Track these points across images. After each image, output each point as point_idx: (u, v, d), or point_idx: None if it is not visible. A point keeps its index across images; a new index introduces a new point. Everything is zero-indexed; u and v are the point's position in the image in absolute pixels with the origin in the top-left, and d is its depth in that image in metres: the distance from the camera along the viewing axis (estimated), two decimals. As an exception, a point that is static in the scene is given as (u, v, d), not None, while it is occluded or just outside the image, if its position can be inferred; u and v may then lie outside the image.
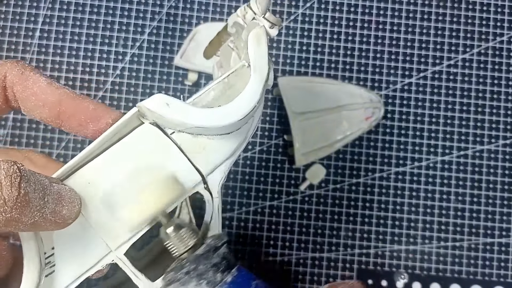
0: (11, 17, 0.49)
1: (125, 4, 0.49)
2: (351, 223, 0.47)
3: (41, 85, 0.25)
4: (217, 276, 0.22)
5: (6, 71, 0.24)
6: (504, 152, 0.48)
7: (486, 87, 0.49)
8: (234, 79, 0.27)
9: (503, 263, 0.47)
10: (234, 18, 0.29)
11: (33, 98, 0.24)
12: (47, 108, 0.25)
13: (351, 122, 0.47)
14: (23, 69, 0.25)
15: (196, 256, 0.22)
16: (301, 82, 0.48)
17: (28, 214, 0.19)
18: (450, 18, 0.50)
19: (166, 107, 0.23)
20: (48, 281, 0.23)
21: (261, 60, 0.25)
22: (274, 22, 0.26)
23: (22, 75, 0.24)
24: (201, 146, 0.25)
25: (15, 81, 0.24)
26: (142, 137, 0.25)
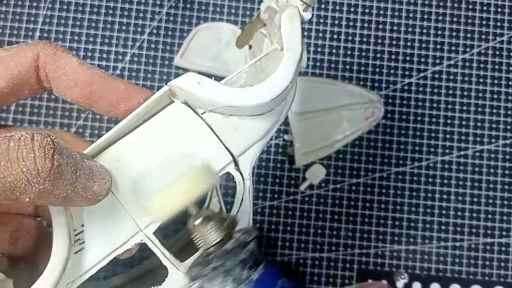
0: (11, 17, 0.49)
1: (125, 4, 0.49)
2: (351, 223, 0.47)
3: (73, 65, 0.24)
4: (244, 273, 0.21)
5: (39, 51, 0.24)
6: (504, 152, 0.48)
7: (486, 87, 0.49)
8: (266, 62, 0.27)
9: (503, 263, 0.47)
10: (267, 3, 0.28)
11: (65, 78, 0.24)
12: (78, 88, 0.25)
13: (351, 122, 0.47)
14: (56, 49, 0.25)
15: (224, 252, 0.22)
16: (301, 82, 0.48)
17: (61, 187, 0.19)
18: (450, 18, 0.50)
19: (198, 85, 0.23)
20: (76, 258, 0.23)
21: (295, 39, 0.24)
22: (308, 2, 0.26)
23: (54, 55, 0.24)
24: (232, 127, 0.24)
25: (48, 61, 0.24)
26: (172, 115, 0.24)
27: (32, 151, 0.18)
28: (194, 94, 0.23)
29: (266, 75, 0.25)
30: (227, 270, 0.21)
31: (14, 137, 0.18)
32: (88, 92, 0.25)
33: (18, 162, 0.18)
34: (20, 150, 0.18)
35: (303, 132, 0.46)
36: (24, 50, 0.24)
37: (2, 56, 0.24)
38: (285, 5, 0.26)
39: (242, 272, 0.21)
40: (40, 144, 0.18)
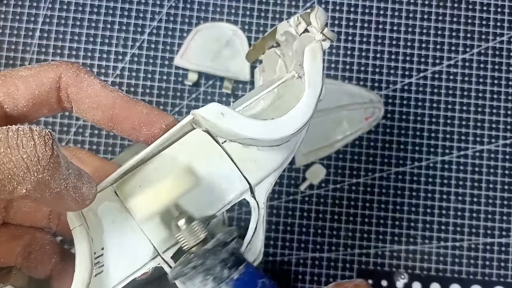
0: (11, 17, 0.49)
1: (125, 4, 0.49)
2: (351, 223, 0.47)
3: (95, 88, 0.25)
4: (224, 272, 0.22)
5: (62, 72, 0.24)
6: (504, 152, 0.48)
7: (486, 87, 0.49)
8: (283, 89, 0.27)
9: (503, 263, 0.47)
10: (285, 27, 0.29)
11: (87, 100, 0.25)
12: (100, 111, 0.25)
13: (351, 122, 0.47)
14: (78, 71, 0.25)
15: (204, 251, 0.22)
16: (301, 82, 0.48)
17: (57, 179, 0.19)
18: (450, 18, 0.50)
19: (221, 116, 0.24)
20: (96, 281, 0.23)
21: (316, 75, 0.25)
22: (331, 37, 0.26)
23: (77, 77, 0.25)
24: (250, 156, 0.25)
25: (70, 83, 0.24)
26: (194, 143, 0.25)
27: (32, 139, 0.18)
28: (217, 125, 0.24)
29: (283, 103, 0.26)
30: (207, 269, 0.21)
31: (12, 128, 0.18)
32: (110, 115, 0.25)
33: (18, 149, 0.18)
34: (19, 138, 0.18)
35: (303, 132, 0.46)
36: (46, 70, 0.24)
37: (24, 76, 0.24)
38: (306, 36, 0.27)
39: (222, 271, 0.22)
40: (39, 133, 0.18)
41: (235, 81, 0.48)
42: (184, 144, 0.25)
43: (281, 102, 0.27)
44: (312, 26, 0.27)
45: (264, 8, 0.49)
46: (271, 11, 0.49)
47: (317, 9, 0.27)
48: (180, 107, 0.48)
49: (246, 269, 0.22)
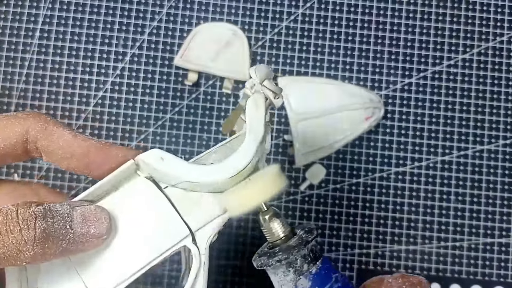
0: (11, 17, 0.49)
1: (125, 4, 0.49)
2: (351, 223, 0.47)
3: (66, 139, 0.25)
4: (304, 266, 0.24)
5: (29, 126, 0.25)
6: (504, 152, 0.48)
7: (486, 87, 0.49)
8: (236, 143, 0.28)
9: (503, 263, 0.47)
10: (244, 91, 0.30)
11: (60, 152, 0.25)
12: (75, 159, 0.25)
13: (351, 122, 0.47)
14: (46, 123, 0.25)
15: (289, 247, 0.24)
16: (301, 82, 0.48)
17: (52, 246, 0.21)
18: (450, 18, 0.50)
19: (161, 161, 0.25)
20: None
21: (257, 123, 0.26)
22: (274, 89, 0.27)
23: (45, 130, 0.25)
24: (193, 202, 0.26)
25: (39, 137, 0.25)
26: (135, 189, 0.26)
27: (17, 224, 0.21)
28: (157, 169, 0.25)
29: None
30: (290, 263, 0.24)
31: (2, 210, 0.21)
32: (86, 163, 0.25)
33: (8, 234, 0.21)
34: (8, 223, 0.21)
35: (303, 132, 0.46)
36: (13, 124, 0.25)
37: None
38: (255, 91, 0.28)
39: (302, 265, 0.24)
40: (23, 216, 0.21)
41: (235, 81, 0.48)
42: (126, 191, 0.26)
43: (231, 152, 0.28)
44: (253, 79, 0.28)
45: (264, 8, 0.49)
46: (271, 11, 0.49)
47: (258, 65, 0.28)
48: (180, 107, 0.48)
49: (322, 264, 0.25)
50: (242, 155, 0.25)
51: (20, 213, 0.21)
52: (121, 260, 0.24)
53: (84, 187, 0.47)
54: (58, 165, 0.26)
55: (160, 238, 0.25)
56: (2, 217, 0.21)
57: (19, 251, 0.21)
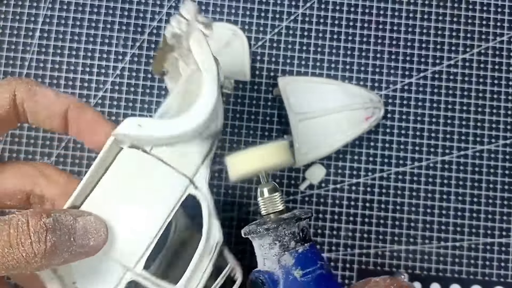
0: (11, 17, 0.49)
1: (125, 4, 0.49)
2: (351, 223, 0.47)
3: (49, 98, 0.26)
4: (291, 243, 0.24)
5: (14, 89, 0.25)
6: (504, 152, 0.48)
7: (486, 87, 0.49)
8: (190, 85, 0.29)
9: (503, 263, 0.47)
10: (171, 30, 0.31)
11: (45, 112, 0.26)
12: (57, 117, 0.26)
13: (351, 122, 0.47)
14: (29, 85, 0.26)
15: (279, 219, 0.24)
16: (301, 82, 0.48)
17: (57, 258, 0.22)
18: (450, 18, 0.50)
19: (139, 127, 0.26)
20: None
21: (208, 60, 0.27)
22: (205, 22, 0.29)
23: (29, 91, 0.26)
24: (180, 153, 0.27)
25: (25, 97, 0.25)
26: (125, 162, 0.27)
27: (28, 236, 0.21)
28: (138, 136, 0.26)
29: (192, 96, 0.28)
30: (278, 236, 0.24)
31: (13, 222, 0.21)
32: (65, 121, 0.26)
33: (18, 247, 0.21)
34: (19, 236, 0.21)
35: (303, 132, 0.46)
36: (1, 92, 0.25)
37: None
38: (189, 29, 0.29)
39: (290, 241, 0.24)
40: (34, 229, 0.21)
41: (235, 81, 0.48)
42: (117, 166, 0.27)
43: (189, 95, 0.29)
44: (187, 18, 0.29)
45: (264, 8, 0.49)
46: (271, 11, 0.49)
47: (185, 2, 0.29)
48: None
49: (310, 248, 0.24)
50: (207, 97, 0.26)
51: (31, 225, 0.21)
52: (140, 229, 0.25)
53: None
54: (41, 126, 0.27)
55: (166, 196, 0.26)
56: (13, 230, 0.21)
57: (27, 263, 0.21)
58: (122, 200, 0.26)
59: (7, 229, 0.21)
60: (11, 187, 0.27)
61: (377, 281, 0.23)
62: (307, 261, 0.24)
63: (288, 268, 0.23)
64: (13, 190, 0.27)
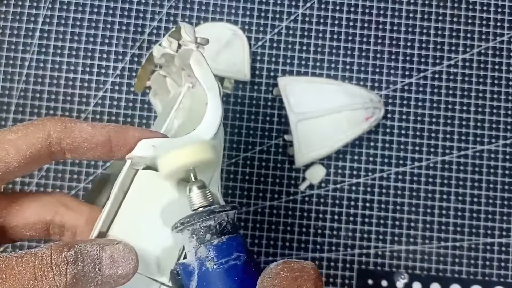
0: (11, 17, 0.49)
1: (125, 4, 0.49)
2: (351, 223, 0.47)
3: (87, 131, 0.26)
4: (207, 236, 0.25)
5: (49, 129, 0.26)
6: (504, 152, 0.48)
7: (486, 87, 0.49)
8: (187, 102, 0.31)
9: (503, 263, 0.47)
10: (161, 50, 0.33)
11: (85, 144, 0.26)
12: (99, 148, 0.26)
13: (351, 122, 0.47)
14: (64, 123, 0.26)
15: (193, 214, 0.25)
16: (301, 82, 0.48)
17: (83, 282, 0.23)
18: (450, 18, 0.50)
19: (153, 148, 0.26)
20: None
21: (210, 79, 0.29)
22: (204, 43, 0.31)
23: (66, 129, 0.26)
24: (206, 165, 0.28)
25: (62, 136, 0.26)
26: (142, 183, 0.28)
27: (51, 269, 0.22)
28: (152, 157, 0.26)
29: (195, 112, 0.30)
30: (194, 229, 0.25)
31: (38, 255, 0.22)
32: (109, 148, 0.27)
33: (42, 280, 0.22)
34: (43, 269, 0.22)
35: (303, 132, 0.46)
36: (34, 131, 0.26)
37: (12, 139, 0.25)
38: (184, 50, 0.31)
39: (206, 234, 0.25)
40: (56, 262, 0.22)
41: (235, 81, 0.48)
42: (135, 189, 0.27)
43: (192, 112, 0.30)
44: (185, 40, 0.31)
45: (264, 8, 0.49)
46: (271, 11, 0.49)
47: (183, 26, 0.31)
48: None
49: (228, 241, 0.25)
50: (214, 113, 0.28)
51: (53, 259, 0.22)
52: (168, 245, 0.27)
53: (84, 187, 0.47)
54: (83, 158, 0.27)
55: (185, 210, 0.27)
56: (38, 261, 0.22)
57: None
58: (146, 221, 0.27)
59: (33, 261, 0.22)
60: (32, 217, 0.27)
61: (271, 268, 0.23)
62: (221, 252, 0.24)
63: (202, 259, 0.24)
64: (33, 220, 0.27)
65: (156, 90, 0.42)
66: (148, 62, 0.37)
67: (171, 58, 0.33)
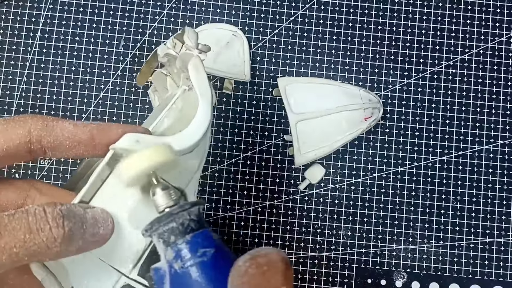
0: (11, 17, 0.49)
1: (125, 5, 0.49)
2: (350, 222, 0.47)
3: (69, 129, 0.26)
4: (172, 238, 0.25)
5: (30, 127, 0.26)
6: (504, 152, 0.48)
7: (486, 87, 0.49)
8: (181, 103, 0.31)
9: (502, 262, 0.47)
10: (165, 50, 0.34)
11: (67, 142, 0.26)
12: (82, 145, 0.27)
13: (350, 122, 0.47)
14: (45, 121, 0.26)
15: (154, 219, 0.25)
16: (301, 82, 0.48)
17: (74, 243, 0.23)
18: (449, 19, 0.50)
19: (137, 143, 0.26)
20: None
21: (204, 85, 0.29)
22: (205, 50, 0.32)
23: (47, 127, 0.26)
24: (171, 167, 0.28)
25: (43, 134, 0.26)
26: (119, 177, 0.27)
27: (47, 222, 0.22)
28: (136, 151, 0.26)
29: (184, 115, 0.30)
30: (159, 233, 0.25)
31: (30, 211, 0.22)
32: (92, 146, 0.27)
33: (39, 233, 0.22)
34: (38, 223, 0.22)
35: (302, 132, 0.47)
36: (14, 127, 0.26)
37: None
38: (184, 54, 0.32)
39: (170, 236, 0.25)
40: (52, 215, 0.22)
41: (236, 81, 0.49)
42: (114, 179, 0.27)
43: (182, 114, 0.31)
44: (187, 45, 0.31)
45: (264, 9, 0.50)
46: (271, 12, 0.50)
47: (187, 30, 0.32)
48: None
49: (191, 239, 0.25)
50: (202, 119, 0.28)
51: (48, 212, 0.22)
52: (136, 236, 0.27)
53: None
54: (65, 157, 0.27)
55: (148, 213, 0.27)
56: (31, 217, 0.22)
57: (48, 248, 0.22)
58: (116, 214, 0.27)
59: (26, 217, 0.22)
60: (4, 199, 0.27)
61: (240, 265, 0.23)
62: (186, 252, 0.24)
63: (170, 262, 0.24)
64: (5, 203, 0.27)
65: (156, 87, 0.42)
66: (152, 59, 0.38)
67: (173, 59, 0.34)
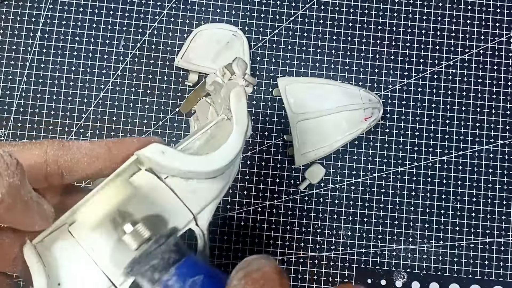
0: (11, 17, 0.49)
1: (125, 5, 0.49)
2: (350, 222, 0.47)
3: (86, 146, 0.26)
4: (155, 276, 0.24)
5: (46, 148, 0.25)
6: (504, 152, 0.48)
7: (485, 87, 0.49)
8: (215, 130, 0.31)
9: (502, 262, 0.47)
10: (213, 78, 0.34)
11: (85, 159, 0.26)
12: (101, 160, 0.26)
13: (351, 123, 0.47)
14: (61, 142, 0.26)
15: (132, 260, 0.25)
16: (301, 82, 0.48)
17: (25, 186, 0.21)
18: (449, 19, 0.50)
19: (162, 154, 0.27)
20: None
21: (242, 115, 0.29)
22: (251, 82, 0.32)
23: (63, 147, 0.26)
24: (191, 189, 0.28)
25: (60, 154, 0.26)
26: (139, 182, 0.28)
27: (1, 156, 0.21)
28: (159, 162, 0.27)
29: (216, 141, 0.30)
30: (141, 273, 0.24)
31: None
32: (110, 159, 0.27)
33: None
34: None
35: (302, 132, 0.47)
36: (30, 148, 0.25)
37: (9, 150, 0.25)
38: (230, 82, 0.32)
39: (153, 275, 0.24)
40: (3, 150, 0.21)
41: (235, 81, 0.49)
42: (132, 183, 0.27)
43: (214, 140, 0.31)
44: (235, 73, 0.31)
45: (264, 9, 0.50)
46: (271, 12, 0.50)
47: (238, 59, 0.32)
48: (180, 108, 0.48)
49: (176, 270, 0.24)
50: (232, 145, 0.28)
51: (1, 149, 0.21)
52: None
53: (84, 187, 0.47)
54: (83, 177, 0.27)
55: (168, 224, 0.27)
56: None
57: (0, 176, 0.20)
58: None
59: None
60: None
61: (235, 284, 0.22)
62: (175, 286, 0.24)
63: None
64: None
65: (198, 115, 0.42)
66: (201, 88, 0.38)
67: (219, 88, 0.34)
